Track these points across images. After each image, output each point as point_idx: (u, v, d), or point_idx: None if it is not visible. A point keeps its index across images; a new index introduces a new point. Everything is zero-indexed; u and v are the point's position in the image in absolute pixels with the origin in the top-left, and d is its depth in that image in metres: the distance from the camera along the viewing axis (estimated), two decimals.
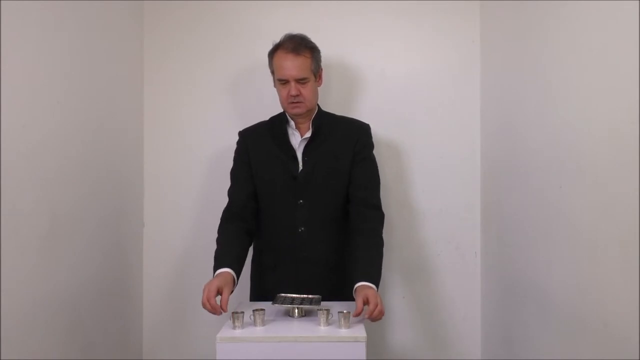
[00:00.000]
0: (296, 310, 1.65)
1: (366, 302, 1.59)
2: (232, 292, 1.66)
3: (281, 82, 1.86)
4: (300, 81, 1.84)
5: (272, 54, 1.89)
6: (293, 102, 1.86)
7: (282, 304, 1.66)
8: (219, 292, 1.61)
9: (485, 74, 2.25)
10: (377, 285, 1.71)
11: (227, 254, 1.77)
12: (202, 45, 2.34)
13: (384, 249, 1.87)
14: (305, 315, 1.65)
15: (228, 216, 1.92)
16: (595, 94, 1.36)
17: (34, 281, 1.58)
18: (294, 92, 1.83)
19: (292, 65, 1.83)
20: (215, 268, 1.73)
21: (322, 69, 1.95)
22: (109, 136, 2.05)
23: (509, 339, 1.98)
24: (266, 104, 2.12)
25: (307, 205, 1.88)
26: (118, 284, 2.13)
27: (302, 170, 1.89)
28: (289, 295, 1.74)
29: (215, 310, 1.58)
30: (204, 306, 1.59)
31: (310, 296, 1.71)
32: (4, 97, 1.43)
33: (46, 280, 1.64)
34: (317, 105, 1.97)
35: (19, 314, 1.51)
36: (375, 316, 1.59)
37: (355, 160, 1.90)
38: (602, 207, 1.32)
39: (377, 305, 1.59)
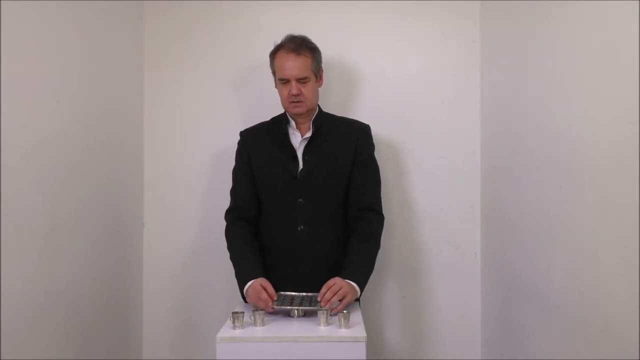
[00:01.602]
0: (296, 311, 1.65)
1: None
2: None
3: (282, 81, 1.87)
4: (301, 80, 1.86)
5: (273, 54, 1.91)
6: (294, 102, 1.87)
7: (281, 304, 1.66)
8: (263, 288, 1.69)
9: (485, 74, 2.25)
10: (359, 284, 1.75)
11: (250, 267, 1.80)
12: (202, 45, 2.33)
13: (381, 251, 1.89)
14: (305, 315, 1.65)
15: (233, 219, 1.94)
16: (595, 94, 1.36)
17: (34, 281, 1.58)
18: (294, 92, 1.85)
19: (293, 65, 1.84)
20: (245, 281, 1.76)
21: (322, 70, 1.97)
22: (109, 136, 2.05)
23: (509, 339, 1.98)
24: (266, 104, 2.11)
25: (307, 204, 1.88)
26: (118, 284, 2.13)
27: (302, 169, 1.89)
28: (288, 293, 1.74)
29: (268, 302, 1.64)
30: (259, 305, 1.65)
31: (310, 294, 1.71)
32: (4, 97, 1.43)
33: (46, 280, 1.64)
34: (318, 106, 1.98)
35: (19, 314, 1.51)
36: (329, 303, 1.63)
37: (356, 162, 1.91)
38: (602, 207, 1.32)
39: (333, 294, 1.64)
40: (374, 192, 1.94)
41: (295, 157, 1.91)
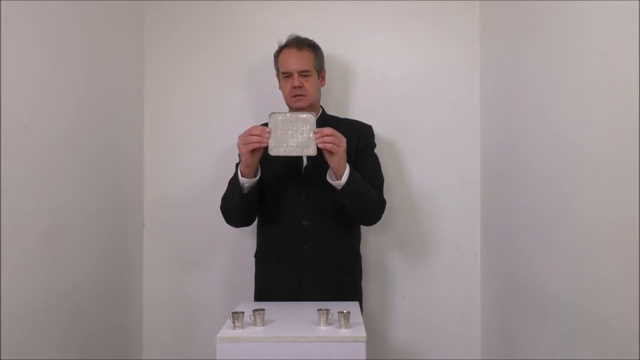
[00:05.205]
0: (293, 133, 1.68)
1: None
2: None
3: (285, 75, 1.91)
4: (303, 74, 1.89)
5: (277, 53, 1.97)
6: (296, 95, 1.90)
7: (276, 143, 1.69)
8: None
9: (485, 74, 2.25)
10: (351, 172, 1.74)
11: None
12: (202, 45, 2.33)
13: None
14: (299, 138, 1.68)
15: None
16: (595, 94, 1.36)
17: (34, 281, 1.58)
18: (296, 84, 1.88)
19: (296, 59, 1.89)
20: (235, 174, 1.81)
21: (325, 71, 2.00)
22: (109, 136, 2.05)
23: (509, 339, 1.98)
24: (267, 104, 2.11)
25: (312, 199, 1.90)
26: (118, 284, 2.13)
27: (306, 165, 1.92)
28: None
29: (263, 130, 1.70)
30: (252, 142, 1.69)
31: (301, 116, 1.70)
32: (4, 97, 1.43)
33: (46, 280, 1.64)
34: (321, 107, 2.00)
35: (19, 314, 1.51)
36: (326, 138, 1.67)
37: (358, 158, 1.93)
38: (602, 207, 1.32)
39: (332, 133, 1.68)
40: (378, 185, 1.94)
41: None
